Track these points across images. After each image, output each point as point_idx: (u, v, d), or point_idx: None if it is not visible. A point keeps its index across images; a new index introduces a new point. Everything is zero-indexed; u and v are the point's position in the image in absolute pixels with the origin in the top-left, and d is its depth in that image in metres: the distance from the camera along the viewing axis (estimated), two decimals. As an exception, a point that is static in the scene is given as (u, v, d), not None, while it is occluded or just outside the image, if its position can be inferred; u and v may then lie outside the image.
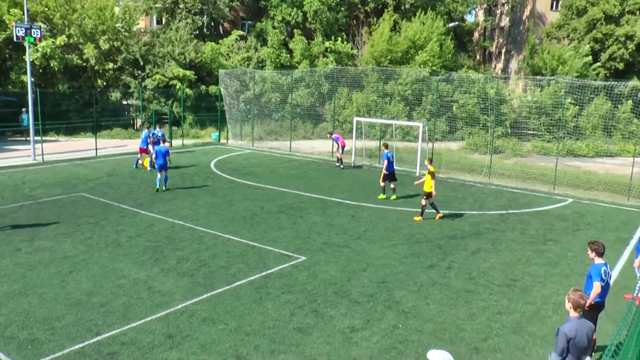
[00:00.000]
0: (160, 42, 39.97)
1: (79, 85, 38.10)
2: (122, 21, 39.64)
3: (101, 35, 38.03)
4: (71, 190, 20.93)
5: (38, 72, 36.30)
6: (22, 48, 31.91)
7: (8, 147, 31.13)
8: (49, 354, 9.10)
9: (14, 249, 14.17)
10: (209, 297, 11.33)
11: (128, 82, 38.73)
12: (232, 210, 18.35)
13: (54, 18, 37.73)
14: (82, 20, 37.96)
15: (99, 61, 37.80)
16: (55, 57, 35.98)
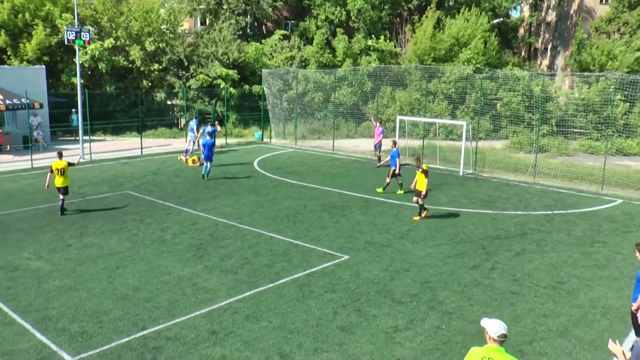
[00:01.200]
0: (204, 42, 40.53)
1: (125, 86, 38.98)
2: (167, 23, 40.37)
3: (147, 37, 38.82)
4: (117, 188, 21.44)
5: (87, 74, 37.29)
6: (73, 51, 32.83)
7: (59, 146, 31.93)
8: (98, 346, 9.36)
9: (64, 244, 14.63)
10: (252, 294, 11.42)
11: (172, 83, 39.40)
12: (275, 208, 18.48)
13: (102, 21, 38.75)
14: (129, 23, 38.84)
15: (144, 62, 38.59)
16: (103, 59, 36.94)
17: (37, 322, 10.23)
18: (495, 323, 5.89)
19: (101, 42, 37.04)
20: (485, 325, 5.97)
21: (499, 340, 5.82)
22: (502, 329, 5.83)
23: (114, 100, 38.20)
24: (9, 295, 11.46)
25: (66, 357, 9.05)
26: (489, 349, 5.83)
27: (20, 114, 30.57)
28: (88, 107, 29.35)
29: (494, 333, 5.83)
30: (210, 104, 38.71)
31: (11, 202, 19.17)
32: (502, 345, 5.83)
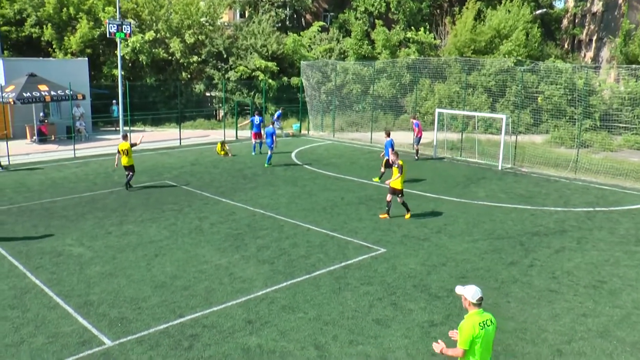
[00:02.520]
0: (244, 35, 40.78)
1: (165, 78, 39.56)
2: (207, 15, 40.76)
3: (186, 29, 39.29)
4: (156, 178, 21.80)
5: (128, 66, 37.97)
6: (114, 43, 33.48)
7: (100, 136, 32.77)
8: (137, 332, 9.56)
9: (105, 232, 14.97)
10: (288, 285, 11.48)
11: (212, 75, 39.78)
12: (312, 200, 18.52)
13: (143, 14, 39.39)
14: (169, 16, 39.37)
15: (184, 54, 39.07)
16: (143, 52, 37.56)
17: (79, 307, 10.51)
18: (471, 289, 6.63)
19: (142, 34, 37.65)
20: (462, 292, 6.69)
21: (478, 304, 6.60)
22: (479, 292, 6.61)
23: (153, 92, 38.81)
24: (54, 279, 11.81)
25: (106, 341, 9.27)
26: (478, 314, 6.60)
27: (64, 105, 31.38)
28: (128, 98, 29.90)
29: (473, 298, 6.58)
30: (248, 95, 38.97)
31: (55, 190, 19.70)
32: (480, 307, 6.64)
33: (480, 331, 6.52)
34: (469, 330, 6.50)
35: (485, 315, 6.64)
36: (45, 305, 10.61)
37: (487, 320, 6.63)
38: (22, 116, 30.83)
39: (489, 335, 6.62)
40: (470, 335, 6.49)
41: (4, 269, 12.43)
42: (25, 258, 13.05)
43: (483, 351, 6.57)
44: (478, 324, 6.53)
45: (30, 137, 30.95)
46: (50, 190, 19.77)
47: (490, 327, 6.63)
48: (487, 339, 6.59)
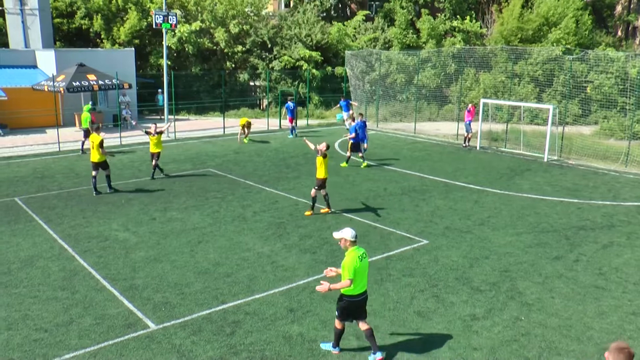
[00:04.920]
0: (288, 24, 40.80)
1: (209, 68, 39.96)
2: (252, 6, 40.93)
3: (231, 19, 39.55)
4: (200, 166, 22.08)
5: (173, 55, 38.51)
6: (161, 34, 33.92)
7: (145, 125, 33.23)
8: (180, 317, 9.73)
9: (149, 218, 15.26)
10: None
11: (256, 64, 39.97)
12: (354, 190, 18.46)
13: (189, 5, 39.85)
14: (214, 6, 39.68)
15: (228, 44, 39.37)
16: (189, 42, 38.02)
17: (124, 290, 10.77)
18: (348, 230, 8.21)
19: (188, 25, 38.10)
20: (341, 235, 8.20)
21: (354, 241, 8.19)
22: (354, 231, 8.23)
23: (198, 81, 39.25)
24: (100, 263, 12.12)
25: (151, 324, 9.47)
26: (355, 250, 8.16)
27: (111, 94, 32.08)
28: (173, 87, 30.29)
29: (352, 237, 8.15)
30: (292, 85, 39.03)
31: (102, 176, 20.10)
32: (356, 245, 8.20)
33: (360, 263, 8.08)
34: (352, 263, 8.01)
35: (360, 250, 8.23)
36: (92, 288, 10.91)
37: (363, 254, 8.21)
38: (72, 104, 31.67)
39: (365, 265, 8.24)
40: (353, 267, 7.99)
41: (55, 252, 12.84)
42: (74, 241, 13.44)
43: (362, 279, 8.20)
44: (357, 257, 8.08)
45: (79, 124, 31.72)
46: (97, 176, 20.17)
47: (365, 258, 8.25)
48: (363, 269, 8.20)
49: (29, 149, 25.68)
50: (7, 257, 12.53)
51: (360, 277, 8.16)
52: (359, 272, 8.10)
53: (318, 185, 15.52)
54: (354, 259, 8.06)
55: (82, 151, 24.76)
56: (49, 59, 32.43)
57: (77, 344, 8.89)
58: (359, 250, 8.21)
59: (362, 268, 8.13)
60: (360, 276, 8.13)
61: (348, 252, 8.16)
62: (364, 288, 8.33)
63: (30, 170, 21.29)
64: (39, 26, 35.48)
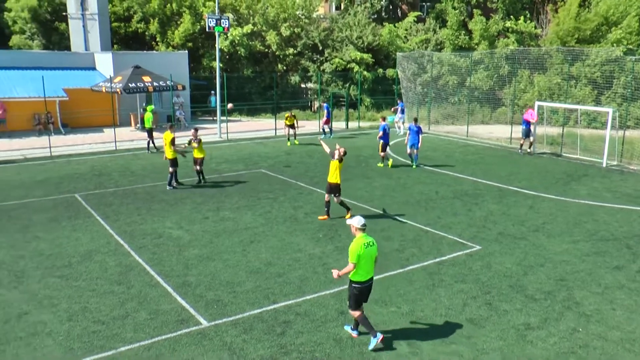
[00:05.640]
0: (339, 27, 40.82)
1: (261, 70, 40.38)
2: (303, 8, 41.17)
3: (282, 22, 39.89)
4: (252, 166, 22.28)
5: (225, 58, 39.06)
6: (213, 37, 34.53)
7: (198, 125, 33.83)
8: (231, 315, 9.82)
9: (202, 217, 15.49)
10: (381, 278, 11.33)
11: (307, 67, 40.16)
12: (406, 193, 18.27)
13: (241, 9, 40.45)
14: (265, 10, 40.10)
15: (280, 47, 39.70)
16: (241, 44, 38.51)
17: (177, 287, 10.94)
18: (357, 218, 8.79)
19: (240, 28, 38.61)
20: (350, 223, 8.78)
21: (363, 229, 8.69)
22: (363, 220, 8.77)
23: (250, 83, 39.72)
24: (155, 259, 12.37)
25: (203, 321, 9.58)
26: (363, 237, 8.63)
27: (165, 95, 32.81)
28: (226, 89, 30.68)
29: (359, 223, 8.69)
30: (343, 87, 39.00)
31: (157, 175, 20.61)
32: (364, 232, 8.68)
33: (365, 249, 8.52)
34: (357, 249, 8.46)
35: (368, 238, 8.67)
36: (147, 283, 11.14)
37: (370, 242, 8.65)
38: (127, 105, 32.57)
39: (372, 253, 8.64)
40: (357, 253, 8.43)
41: (111, 247, 13.19)
42: (129, 238, 13.77)
43: (367, 266, 8.61)
44: (363, 244, 8.54)
45: (134, 124, 32.57)
46: (152, 175, 20.70)
47: (372, 246, 8.65)
48: (370, 256, 8.62)
49: (88, 147, 26.51)
50: (68, 251, 12.96)
51: (365, 264, 8.59)
52: (363, 259, 8.53)
53: (331, 191, 15.12)
54: (359, 245, 8.52)
55: (148, 150, 25.30)
56: (106, 62, 33.46)
57: (132, 337, 9.08)
58: (366, 237, 8.66)
59: (366, 255, 8.56)
60: (365, 263, 8.58)
61: (355, 238, 8.65)
62: (370, 275, 8.77)
63: (89, 168, 21.95)
64: (98, 30, 36.83)
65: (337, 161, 14.88)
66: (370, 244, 8.63)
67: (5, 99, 29.21)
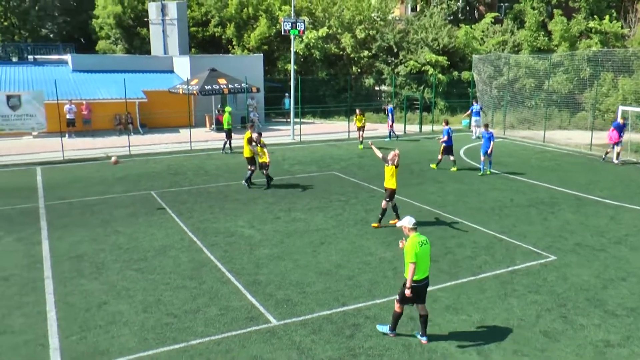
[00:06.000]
0: (414, 29, 40.40)
1: (335, 73, 40.53)
2: (378, 10, 41.04)
3: (358, 25, 39.90)
4: (325, 168, 22.36)
5: (300, 61, 39.44)
6: (289, 40, 34.94)
7: (272, 127, 34.46)
8: (301, 315, 9.89)
9: (274, 217, 15.69)
10: (452, 285, 11.16)
11: (381, 69, 39.99)
12: (479, 199, 17.83)
13: (316, 12, 40.73)
14: (341, 12, 40.22)
15: (354, 49, 39.73)
16: (316, 47, 38.80)
17: (248, 285, 11.13)
18: (407, 218, 8.97)
19: (315, 31, 38.91)
20: (401, 224, 8.99)
21: (415, 228, 8.86)
22: (414, 219, 8.96)
23: (324, 86, 39.95)
24: (226, 257, 12.65)
25: (272, 320, 9.71)
26: (416, 236, 8.78)
27: (240, 97, 33.50)
28: (300, 91, 30.96)
29: (410, 223, 8.86)
30: (418, 90, 38.56)
31: (230, 174, 21.07)
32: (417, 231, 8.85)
33: (420, 248, 8.65)
34: (413, 247, 8.62)
35: (422, 237, 8.83)
36: (218, 280, 11.39)
37: (424, 240, 8.82)
38: (203, 107, 33.49)
39: (426, 251, 8.80)
40: (414, 251, 8.58)
41: (185, 243, 13.58)
42: (202, 235, 14.12)
43: (423, 264, 8.77)
44: (418, 243, 8.66)
45: (209, 125, 33.41)
46: (226, 174, 21.16)
47: (426, 244, 8.83)
48: (425, 254, 8.77)
49: (164, 147, 27.41)
50: (144, 245, 13.45)
51: (422, 263, 8.70)
52: (420, 257, 8.64)
53: (389, 197, 14.83)
54: (414, 243, 8.65)
55: (223, 151, 25.90)
56: (184, 65, 34.56)
57: (203, 332, 9.30)
58: (419, 236, 8.80)
59: (422, 253, 8.68)
60: (421, 261, 8.68)
61: (409, 238, 8.80)
62: (426, 274, 8.86)
63: (165, 167, 22.69)
64: (176, 35, 38.23)
65: (392, 167, 14.68)
66: (424, 242, 8.78)
67: (90, 101, 30.65)
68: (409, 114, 35.73)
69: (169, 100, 32.37)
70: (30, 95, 25.22)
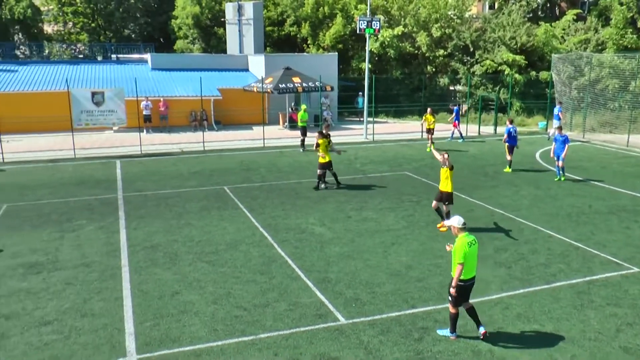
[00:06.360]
0: (492, 27, 39.34)
1: (410, 72, 40.15)
2: (455, 8, 40.28)
3: (434, 23, 39.32)
4: (397, 168, 22.20)
5: (375, 59, 39.30)
6: (363, 39, 34.91)
7: (344, 126, 34.53)
8: (369, 314, 9.85)
9: (345, 215, 15.72)
10: (525, 292, 10.80)
11: (457, 68, 39.26)
12: (556, 205, 17.19)
13: (392, 10, 40.42)
14: (417, 10, 39.75)
15: (429, 48, 39.19)
16: (391, 46, 38.54)
17: (317, 282, 11.19)
18: (456, 218, 8.94)
19: (390, 29, 38.65)
20: (450, 223, 9.01)
21: (464, 228, 8.84)
22: (462, 219, 8.92)
23: (398, 85, 39.66)
24: (297, 254, 12.78)
25: (341, 318, 9.72)
26: (465, 236, 8.77)
27: (314, 96, 33.72)
28: (373, 90, 30.85)
29: (459, 223, 8.83)
30: (493, 90, 37.60)
31: (301, 172, 21.29)
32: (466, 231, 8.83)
33: (469, 248, 8.68)
34: (463, 248, 8.62)
35: (470, 237, 8.82)
36: (288, 276, 11.53)
37: (472, 240, 8.81)
38: (276, 105, 34.01)
39: (475, 251, 8.83)
40: (463, 252, 8.57)
41: (256, 238, 13.83)
42: (273, 231, 14.33)
43: (471, 264, 8.78)
44: (467, 243, 8.68)
45: (282, 123, 33.84)
46: (298, 172, 21.38)
47: (475, 244, 8.83)
48: (473, 254, 8.79)
49: (237, 143, 28.00)
50: (216, 238, 13.78)
51: (470, 262, 8.73)
52: (469, 257, 8.67)
53: (447, 200, 14.43)
54: (464, 244, 8.66)
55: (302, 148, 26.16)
56: (259, 63, 35.20)
57: (271, 326, 9.44)
58: (468, 237, 8.80)
59: (471, 253, 8.72)
60: (470, 261, 8.71)
61: (458, 238, 8.79)
62: (473, 273, 8.91)
63: (238, 163, 23.18)
64: (252, 34, 38.97)
65: (447, 169, 14.28)
66: (473, 242, 8.80)
67: (167, 98, 31.71)
68: (483, 115, 34.87)
69: (243, 98, 33.03)
70: (113, 92, 26.38)
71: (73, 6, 55.19)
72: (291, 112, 32.93)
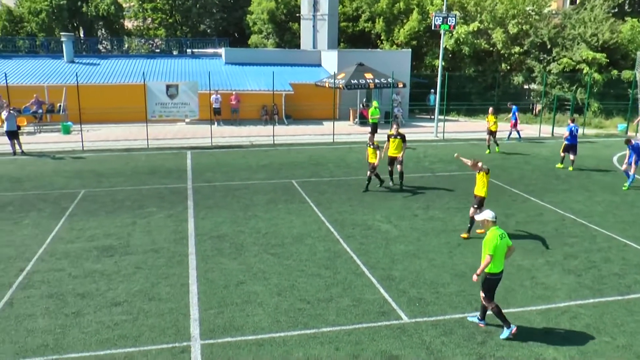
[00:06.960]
0: (572, 23, 37.79)
1: (483, 69, 39.31)
2: (534, 4, 39.01)
3: (511, 19, 38.24)
4: (465, 168, 21.58)
5: (448, 56, 38.70)
6: (438, 35, 34.45)
7: (415, 123, 34.23)
8: (432, 315, 9.81)
9: (412, 214, 15.66)
10: (595, 302, 10.43)
11: (532, 66, 38.03)
12: (633, 212, 16.44)
13: (469, 6, 39.62)
14: (494, 6, 38.77)
15: (505, 45, 38.17)
16: (466, 43, 37.83)
17: (381, 279, 11.22)
18: (488, 212, 9.21)
19: (466, 26, 37.92)
20: (482, 217, 9.19)
21: (495, 221, 9.11)
22: (493, 212, 9.19)
23: (471, 83, 38.94)
24: (362, 250, 12.85)
25: (403, 317, 9.73)
26: (496, 229, 9.02)
27: (385, 92, 33.61)
28: (446, 88, 30.40)
29: (491, 217, 9.10)
30: (569, 90, 36.17)
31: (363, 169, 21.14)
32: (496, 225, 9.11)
33: (500, 241, 8.90)
34: (493, 241, 8.85)
35: (500, 230, 9.05)
36: (352, 272, 11.61)
37: (503, 233, 9.02)
38: (348, 100, 34.06)
39: (505, 244, 8.99)
40: (494, 244, 8.80)
41: (322, 233, 13.99)
42: (339, 226, 14.46)
43: (501, 257, 8.97)
44: (498, 235, 8.92)
45: (353, 119, 33.89)
46: (365, 168, 21.06)
47: (505, 238, 9.03)
48: (503, 247, 8.95)
49: (307, 138, 28.27)
50: (282, 231, 14.04)
51: (499, 255, 8.93)
52: (499, 250, 8.87)
53: (477, 204, 13.81)
54: (495, 236, 8.91)
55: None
56: (331, 59, 35.33)
57: (334, 320, 9.55)
58: (499, 230, 9.04)
59: (501, 246, 8.91)
60: (499, 254, 8.91)
61: (489, 230, 9.04)
62: (503, 267, 9.08)
63: (307, 157, 23.42)
64: (326, 29, 39.15)
65: (483, 173, 13.79)
66: (503, 236, 9.00)
67: (240, 91, 32.35)
68: (558, 116, 33.63)
69: (315, 93, 33.27)
70: (186, 86, 27.19)
71: (153, 2, 57.29)
72: (362, 109, 32.92)
